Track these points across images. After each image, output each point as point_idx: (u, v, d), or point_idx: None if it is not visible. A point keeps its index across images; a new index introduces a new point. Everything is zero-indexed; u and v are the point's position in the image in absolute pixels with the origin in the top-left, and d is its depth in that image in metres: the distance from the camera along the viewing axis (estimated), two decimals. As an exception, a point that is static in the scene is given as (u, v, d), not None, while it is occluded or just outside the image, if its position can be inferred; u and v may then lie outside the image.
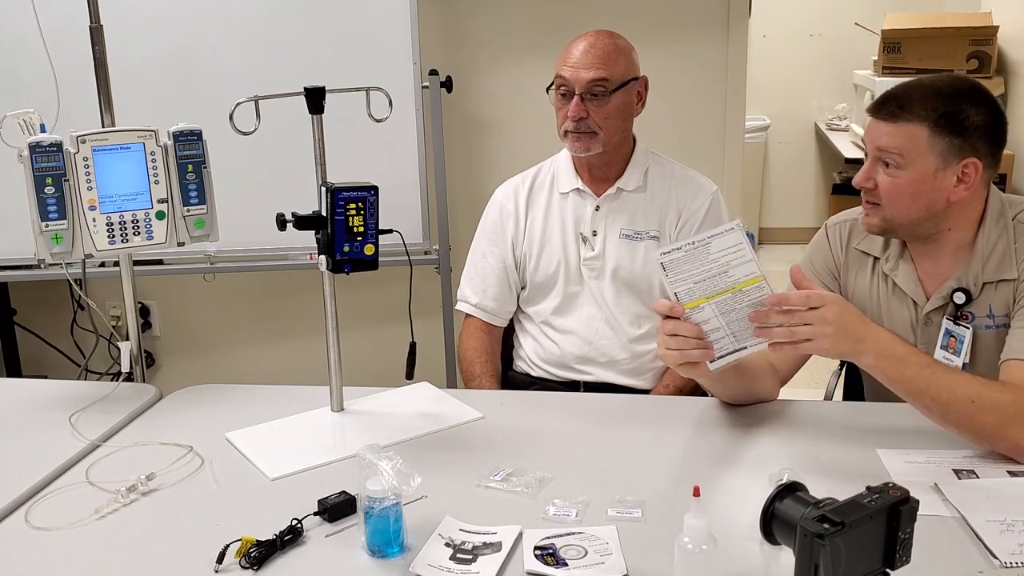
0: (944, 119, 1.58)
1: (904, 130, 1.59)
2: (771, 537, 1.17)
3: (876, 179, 1.64)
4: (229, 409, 1.80)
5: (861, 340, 1.47)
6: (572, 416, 1.77)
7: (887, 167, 1.62)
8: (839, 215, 1.87)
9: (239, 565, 1.27)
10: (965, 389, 1.46)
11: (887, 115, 1.61)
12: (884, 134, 1.61)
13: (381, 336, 3.15)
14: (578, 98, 1.99)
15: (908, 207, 1.63)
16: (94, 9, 1.99)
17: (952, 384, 1.46)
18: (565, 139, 2.06)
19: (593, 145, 2.03)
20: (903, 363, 1.48)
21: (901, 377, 1.48)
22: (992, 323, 1.65)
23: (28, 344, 3.47)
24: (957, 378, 1.48)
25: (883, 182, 1.63)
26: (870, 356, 1.48)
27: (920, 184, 1.61)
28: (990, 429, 1.46)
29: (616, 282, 2.11)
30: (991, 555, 1.23)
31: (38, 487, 1.51)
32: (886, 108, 1.61)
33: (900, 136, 1.59)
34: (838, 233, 1.83)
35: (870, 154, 1.65)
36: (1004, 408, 1.45)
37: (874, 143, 1.63)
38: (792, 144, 5.93)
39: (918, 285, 1.72)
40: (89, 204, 1.76)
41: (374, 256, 1.64)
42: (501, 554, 1.28)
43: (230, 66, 2.83)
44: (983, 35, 4.15)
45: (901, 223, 1.66)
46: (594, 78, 1.98)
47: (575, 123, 2.01)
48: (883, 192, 1.63)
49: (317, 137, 1.68)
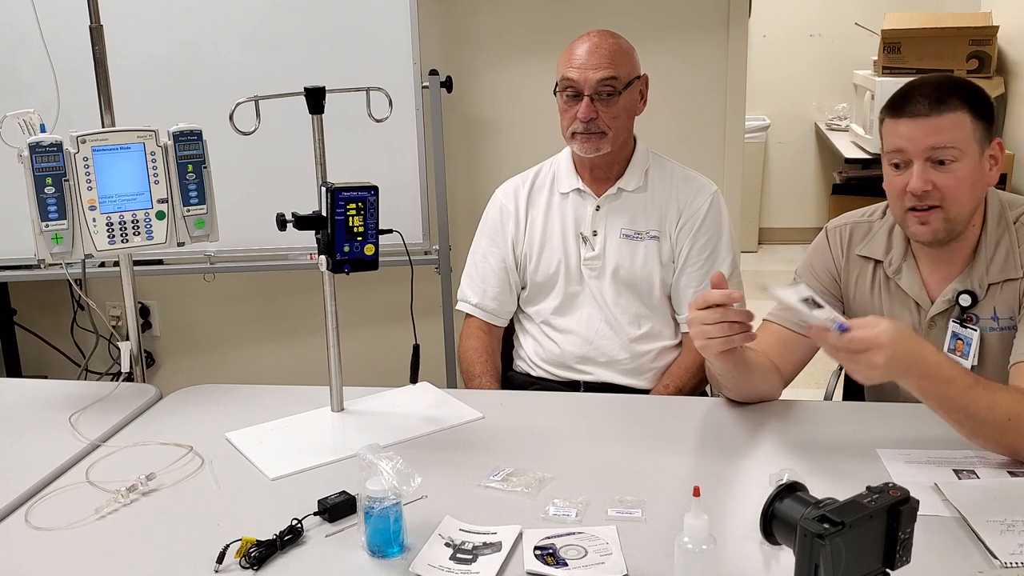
0: (977, 102, 1.57)
1: (951, 120, 1.55)
2: (771, 537, 1.17)
3: (934, 180, 1.57)
4: (229, 409, 1.80)
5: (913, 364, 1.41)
6: (572, 416, 1.77)
7: (941, 164, 1.56)
8: (839, 218, 1.85)
9: (239, 565, 1.27)
10: (1004, 408, 1.43)
11: (928, 110, 1.55)
12: (933, 131, 1.55)
13: (381, 336, 3.15)
14: (588, 99, 1.99)
15: (968, 200, 1.59)
16: (94, 9, 1.99)
17: (992, 404, 1.43)
18: (572, 141, 2.05)
19: (602, 145, 2.03)
20: (948, 384, 1.43)
21: (943, 397, 1.44)
22: (997, 325, 1.64)
23: (28, 344, 3.47)
24: (996, 396, 1.44)
25: (943, 180, 1.57)
26: (915, 378, 1.43)
27: (976, 172, 1.58)
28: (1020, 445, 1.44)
29: (616, 282, 2.11)
30: (991, 555, 1.23)
31: (38, 487, 1.51)
32: (922, 104, 1.56)
33: (950, 128, 1.55)
34: (839, 237, 1.81)
35: (917, 157, 1.57)
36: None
37: (924, 143, 1.56)
38: (792, 144, 5.93)
39: (922, 289, 1.71)
40: (89, 204, 1.76)
41: (374, 256, 1.64)
42: (501, 554, 1.28)
43: (230, 66, 2.83)
44: (983, 35, 4.15)
45: (961, 220, 1.61)
46: (603, 78, 1.98)
47: (584, 124, 2.00)
48: (946, 191, 1.57)
49: (317, 137, 1.68)
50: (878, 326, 1.38)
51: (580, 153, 2.07)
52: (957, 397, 1.43)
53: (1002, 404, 1.43)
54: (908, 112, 1.57)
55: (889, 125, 1.61)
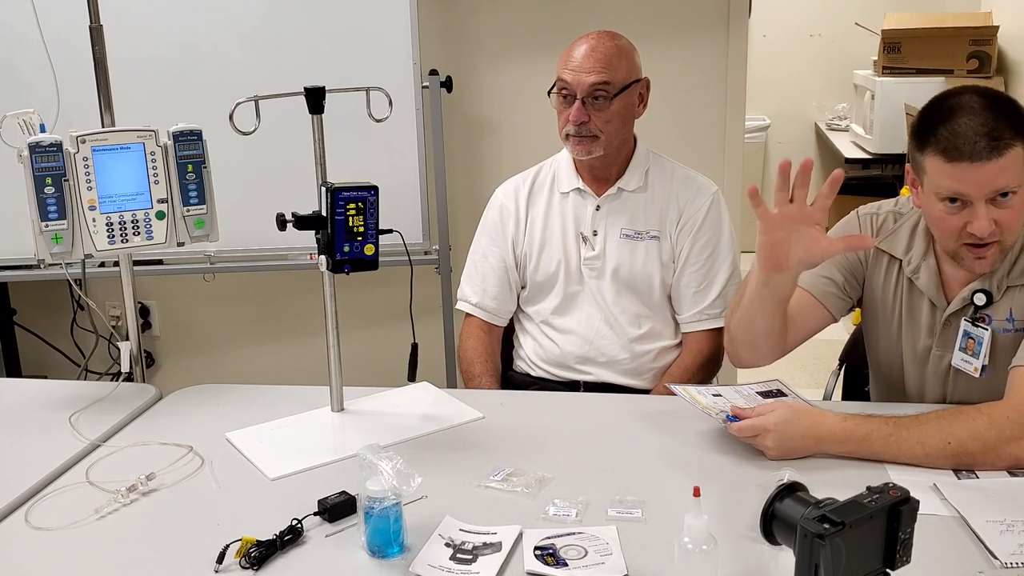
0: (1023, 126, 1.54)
1: (1011, 158, 1.50)
2: (771, 537, 1.17)
3: (995, 219, 1.54)
4: (229, 409, 1.80)
5: (817, 440, 1.51)
6: (572, 416, 1.77)
7: (1002, 198, 1.53)
8: (871, 205, 1.82)
9: (239, 565, 1.27)
10: (936, 436, 1.47)
11: (989, 153, 1.49)
12: (997, 174, 1.50)
13: (381, 336, 3.15)
14: (579, 102, 1.99)
15: (1019, 227, 1.59)
16: (94, 9, 1.99)
17: (922, 437, 1.47)
18: (566, 142, 2.06)
19: (594, 148, 2.03)
20: (866, 442, 1.49)
21: (871, 454, 1.50)
22: (1011, 327, 1.64)
23: (28, 344, 3.47)
24: (925, 428, 1.48)
25: (1004, 216, 1.54)
26: (830, 448, 1.51)
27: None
28: (980, 458, 1.46)
29: (616, 282, 2.10)
30: (991, 555, 1.23)
31: (38, 487, 1.51)
32: (981, 146, 1.49)
33: (1011, 167, 1.51)
34: (870, 222, 1.79)
35: (978, 199, 1.52)
36: (983, 434, 1.45)
37: (989, 188, 1.51)
38: (792, 144, 5.92)
39: (939, 289, 1.70)
40: (89, 204, 1.76)
41: (374, 256, 1.64)
42: (501, 554, 1.28)
43: (230, 66, 2.83)
44: (983, 35, 4.15)
45: (1011, 247, 1.62)
46: (595, 82, 1.98)
47: (576, 127, 2.00)
48: (1005, 226, 1.55)
49: (317, 137, 1.68)
50: (768, 413, 1.52)
51: (573, 155, 2.08)
52: (882, 451, 1.50)
53: (932, 434, 1.47)
54: (966, 156, 1.50)
55: (940, 166, 1.54)
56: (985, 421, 1.46)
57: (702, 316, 2.10)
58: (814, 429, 1.52)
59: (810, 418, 1.53)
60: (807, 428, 1.52)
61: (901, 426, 1.50)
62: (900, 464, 1.48)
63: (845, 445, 1.50)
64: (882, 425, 1.50)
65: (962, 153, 1.50)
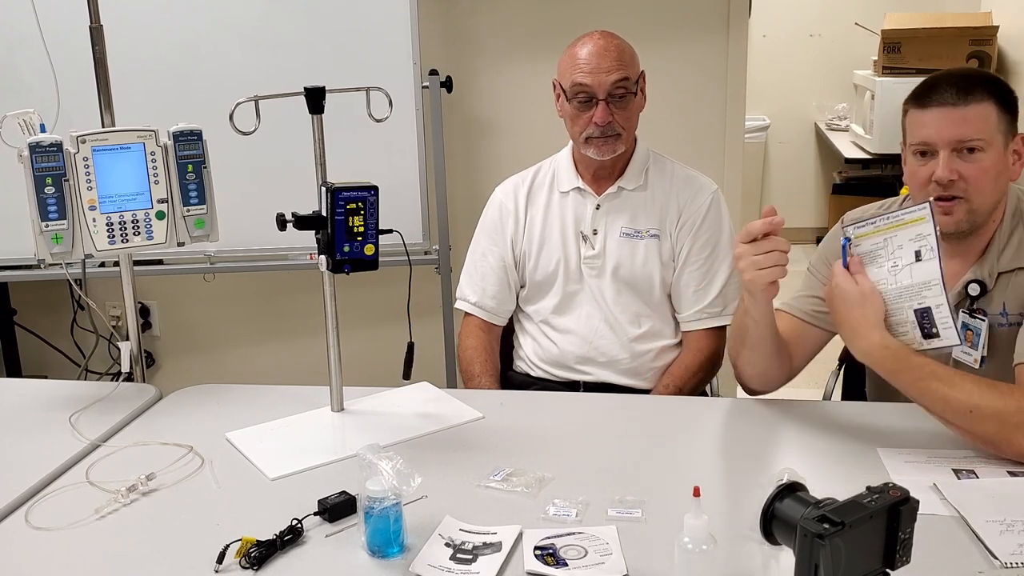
0: (1003, 94, 1.59)
1: (977, 111, 1.56)
2: (771, 537, 1.17)
3: (959, 170, 1.58)
4: (229, 409, 1.80)
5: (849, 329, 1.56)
6: (572, 416, 1.77)
7: (968, 153, 1.58)
8: (856, 210, 1.83)
9: (239, 565, 1.27)
10: (963, 400, 1.46)
11: (956, 100, 1.56)
12: (960, 121, 1.57)
13: (381, 336, 3.14)
14: (603, 103, 1.98)
15: (991, 191, 1.61)
16: (94, 9, 1.99)
17: (947, 397, 1.47)
18: (587, 146, 2.03)
19: (618, 147, 2.03)
20: (896, 373, 1.51)
21: (896, 383, 1.51)
22: (1005, 321, 1.64)
23: (28, 344, 3.47)
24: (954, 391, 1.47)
25: (968, 170, 1.58)
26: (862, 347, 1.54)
27: (1000, 164, 1.60)
28: (992, 437, 1.45)
29: (616, 281, 2.10)
30: (991, 555, 1.23)
31: (38, 487, 1.51)
32: (949, 94, 1.57)
33: (977, 118, 1.56)
34: None
35: (943, 147, 1.58)
36: (1007, 416, 1.44)
37: (951, 133, 1.57)
38: (792, 144, 5.92)
39: None
40: (89, 204, 1.76)
41: (374, 256, 1.64)
42: (501, 554, 1.28)
43: (230, 66, 2.83)
44: (983, 35, 4.16)
45: (983, 211, 1.63)
46: (617, 80, 1.97)
47: (602, 128, 2.00)
48: (970, 181, 1.59)
49: (317, 137, 1.68)
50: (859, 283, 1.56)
51: (596, 157, 2.05)
52: (906, 388, 1.52)
53: (959, 398, 1.46)
54: (935, 102, 1.58)
55: (914, 115, 1.63)
56: (1014, 404, 1.44)
57: (702, 315, 2.10)
58: (861, 323, 1.54)
59: (870, 314, 1.54)
60: (858, 317, 1.55)
61: (936, 377, 1.49)
62: (933, 412, 1.50)
63: (873, 357, 1.54)
64: (922, 366, 1.51)
65: (931, 100, 1.59)
